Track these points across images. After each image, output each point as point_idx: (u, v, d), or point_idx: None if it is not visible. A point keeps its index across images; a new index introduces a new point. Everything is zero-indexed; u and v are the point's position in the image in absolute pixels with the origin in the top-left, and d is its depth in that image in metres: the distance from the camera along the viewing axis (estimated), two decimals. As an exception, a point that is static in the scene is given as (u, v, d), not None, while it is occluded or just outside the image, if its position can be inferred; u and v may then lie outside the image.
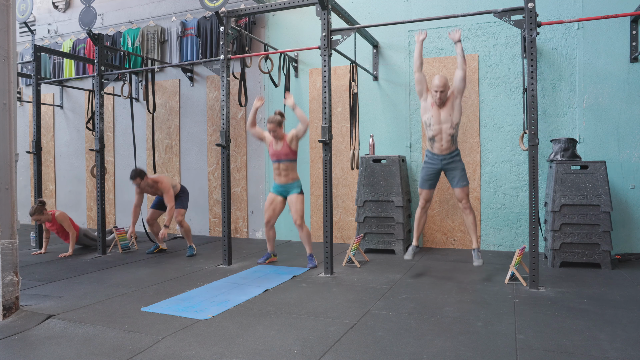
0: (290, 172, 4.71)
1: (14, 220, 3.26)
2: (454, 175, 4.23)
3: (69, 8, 8.16)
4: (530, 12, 3.73)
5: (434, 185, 4.36)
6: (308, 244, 4.76)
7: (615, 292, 3.67)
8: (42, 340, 2.79)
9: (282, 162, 4.68)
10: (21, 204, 8.33)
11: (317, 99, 6.31)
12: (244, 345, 2.66)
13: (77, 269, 4.74)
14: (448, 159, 4.21)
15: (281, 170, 4.70)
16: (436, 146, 4.20)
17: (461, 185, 4.21)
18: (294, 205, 4.69)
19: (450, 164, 4.22)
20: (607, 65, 5.07)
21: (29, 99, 8.01)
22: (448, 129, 4.12)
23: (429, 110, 4.18)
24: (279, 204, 4.81)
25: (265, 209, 4.83)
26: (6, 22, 3.25)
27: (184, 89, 7.18)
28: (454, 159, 4.22)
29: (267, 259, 4.93)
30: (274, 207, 4.80)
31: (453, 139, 4.18)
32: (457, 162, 4.23)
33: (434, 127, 4.16)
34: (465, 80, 4.13)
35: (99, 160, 5.60)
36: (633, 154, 5.00)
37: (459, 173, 4.22)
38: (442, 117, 4.14)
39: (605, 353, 2.49)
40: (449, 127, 4.12)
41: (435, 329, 2.87)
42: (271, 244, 4.93)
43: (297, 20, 6.37)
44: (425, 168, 4.31)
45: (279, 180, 4.75)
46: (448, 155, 4.20)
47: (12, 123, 3.28)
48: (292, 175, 4.73)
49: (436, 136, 4.17)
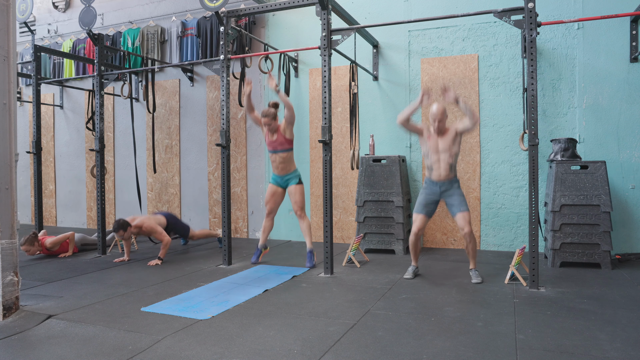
0: (287, 162, 4.72)
1: (14, 220, 3.26)
2: (454, 201, 4.10)
3: (69, 8, 8.16)
4: (530, 12, 3.73)
5: (430, 213, 4.22)
6: (308, 235, 4.76)
7: (615, 292, 3.67)
8: (42, 340, 2.79)
9: (279, 153, 4.69)
10: (21, 204, 8.34)
11: (317, 99, 6.31)
12: (244, 345, 2.66)
13: (77, 269, 4.74)
14: (447, 185, 4.12)
15: (278, 161, 4.71)
16: (434, 174, 4.13)
17: (461, 210, 4.05)
18: (294, 196, 4.71)
19: (449, 190, 4.12)
20: (607, 65, 5.07)
21: (29, 99, 8.01)
22: (447, 158, 4.05)
23: (426, 141, 4.14)
24: (280, 195, 4.84)
25: (266, 200, 4.86)
26: (6, 22, 3.25)
27: (184, 89, 7.18)
28: (452, 186, 4.13)
29: (259, 255, 4.94)
30: (275, 199, 4.83)
31: (452, 168, 4.10)
32: (455, 189, 4.14)
33: (432, 157, 4.10)
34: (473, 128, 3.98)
35: (99, 160, 5.60)
36: (633, 154, 5.00)
37: (458, 198, 4.09)
38: (441, 146, 4.06)
39: (605, 353, 2.49)
40: (448, 157, 4.05)
41: (435, 329, 2.87)
42: (265, 236, 4.92)
43: (297, 20, 6.37)
44: (424, 194, 4.21)
45: (277, 171, 4.77)
46: (447, 182, 4.12)
47: (12, 123, 3.28)
48: (290, 166, 4.75)
49: (434, 164, 4.10)
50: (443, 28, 5.63)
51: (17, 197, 3.73)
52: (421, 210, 4.20)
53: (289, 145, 4.71)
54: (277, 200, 4.84)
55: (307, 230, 4.76)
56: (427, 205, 4.20)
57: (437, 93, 5.59)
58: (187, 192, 7.17)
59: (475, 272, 4.14)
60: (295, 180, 4.75)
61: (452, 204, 4.11)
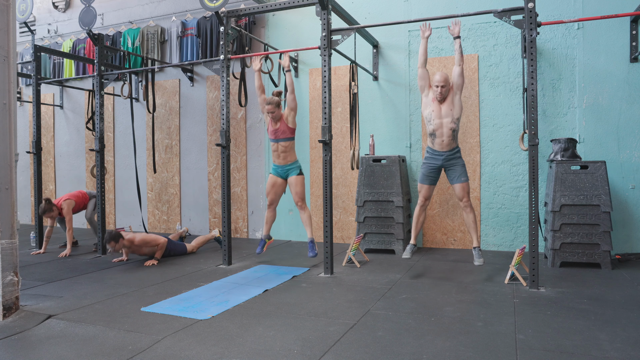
0: (288, 152, 4.71)
1: (14, 220, 3.26)
2: (454, 171, 4.23)
3: (69, 8, 8.16)
4: (530, 12, 3.73)
5: (434, 182, 4.35)
6: (309, 226, 4.74)
7: (615, 292, 3.67)
8: (42, 340, 2.79)
9: (281, 142, 4.67)
10: (21, 204, 8.34)
11: (317, 99, 6.31)
12: (244, 345, 2.66)
13: (77, 269, 4.74)
14: (449, 156, 4.21)
15: (280, 150, 4.69)
16: (437, 142, 4.20)
17: (461, 181, 4.19)
18: (294, 187, 4.70)
19: (451, 160, 4.22)
20: (607, 65, 5.07)
21: (29, 99, 8.00)
22: (449, 123, 4.13)
23: (429, 105, 4.20)
24: (280, 186, 4.82)
25: (267, 191, 4.84)
26: (6, 22, 3.25)
27: (184, 89, 7.18)
28: (454, 156, 4.23)
29: (263, 245, 4.92)
30: (275, 190, 4.81)
31: (454, 134, 4.18)
32: (457, 159, 4.24)
33: (435, 121, 4.17)
34: (463, 76, 4.15)
35: (99, 160, 5.60)
36: (633, 154, 5.00)
37: (460, 169, 4.22)
38: (443, 111, 4.15)
39: (605, 353, 2.49)
40: (450, 122, 4.13)
41: (435, 329, 2.87)
42: (268, 226, 4.91)
43: (297, 20, 6.37)
44: (426, 165, 4.31)
45: (277, 161, 4.75)
46: (449, 152, 4.21)
47: (12, 123, 3.28)
48: (291, 156, 4.73)
49: (437, 130, 4.17)
50: (443, 28, 5.63)
51: (17, 197, 3.73)
52: (424, 181, 4.33)
53: (291, 134, 4.69)
54: (277, 191, 4.82)
55: (308, 221, 4.73)
56: (429, 175, 4.32)
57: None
58: (187, 192, 7.17)
59: (478, 252, 4.17)
60: (296, 171, 4.73)
61: (453, 174, 4.23)
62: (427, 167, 4.31)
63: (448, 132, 4.15)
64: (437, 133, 4.18)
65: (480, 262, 4.13)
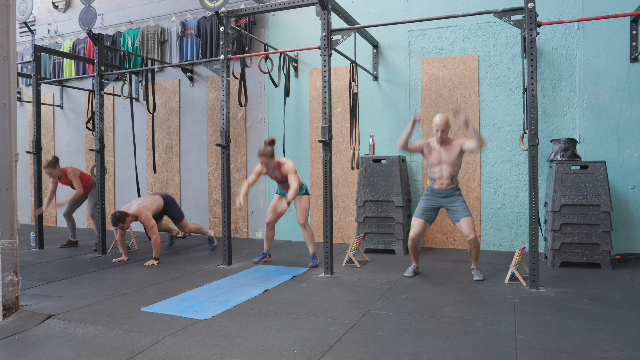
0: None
1: (14, 220, 3.26)
2: (456, 208, 4.10)
3: (69, 8, 8.16)
4: (530, 12, 3.73)
5: (430, 220, 4.21)
6: (311, 243, 4.77)
7: (615, 292, 3.67)
8: (42, 340, 2.79)
9: (283, 183, 4.73)
10: (21, 204, 8.34)
11: (317, 99, 6.31)
12: (244, 345, 2.66)
13: (77, 269, 4.74)
14: (449, 193, 4.14)
15: (283, 187, 4.76)
16: (437, 184, 4.15)
17: (466, 215, 4.04)
18: (300, 205, 4.71)
19: (451, 197, 4.14)
20: (607, 65, 5.07)
21: (29, 99, 8.00)
22: (449, 168, 4.07)
23: (427, 157, 4.16)
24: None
25: (269, 209, 4.83)
26: (6, 22, 3.25)
27: (184, 89, 7.18)
28: (454, 193, 4.15)
29: (262, 258, 4.95)
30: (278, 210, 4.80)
31: (453, 178, 4.12)
32: (457, 196, 4.15)
33: (434, 168, 4.12)
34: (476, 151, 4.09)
35: (99, 160, 5.60)
36: (633, 154, 5.00)
37: (461, 205, 4.10)
38: (444, 157, 4.08)
39: (605, 353, 2.49)
40: (450, 168, 4.07)
41: (435, 329, 2.87)
42: (268, 244, 4.94)
43: (297, 20, 6.37)
44: (425, 200, 4.22)
45: (282, 188, 4.81)
46: (449, 190, 4.14)
47: (12, 123, 3.28)
48: None
49: (436, 174, 4.13)
50: (443, 28, 5.63)
51: (17, 197, 3.73)
52: (420, 215, 4.21)
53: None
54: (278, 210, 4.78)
55: (310, 239, 4.76)
56: (427, 212, 4.20)
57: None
58: (187, 192, 7.17)
59: (477, 271, 4.15)
60: (302, 191, 4.75)
61: (455, 210, 4.11)
62: (426, 202, 4.21)
63: (448, 175, 4.09)
64: (436, 177, 4.13)
65: (480, 278, 4.08)
